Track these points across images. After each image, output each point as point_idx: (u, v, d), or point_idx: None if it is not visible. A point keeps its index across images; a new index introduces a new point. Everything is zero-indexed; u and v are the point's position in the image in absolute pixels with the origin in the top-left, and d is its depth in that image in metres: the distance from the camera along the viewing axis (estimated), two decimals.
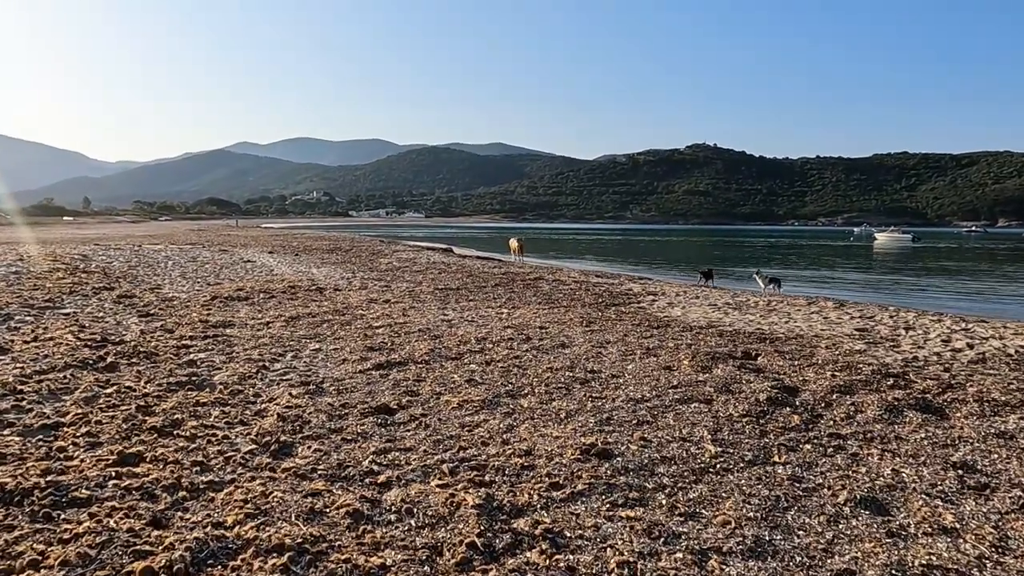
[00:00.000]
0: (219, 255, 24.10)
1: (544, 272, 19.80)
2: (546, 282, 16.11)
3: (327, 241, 36.55)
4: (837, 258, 45.18)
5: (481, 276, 17.19)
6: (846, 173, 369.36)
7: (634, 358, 7.29)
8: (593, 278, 18.34)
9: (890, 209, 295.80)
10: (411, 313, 10.43)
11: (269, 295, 12.19)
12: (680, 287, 16.21)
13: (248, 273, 17.13)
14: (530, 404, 5.47)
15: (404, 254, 26.38)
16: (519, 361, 7.05)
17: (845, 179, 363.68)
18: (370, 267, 19.65)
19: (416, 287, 14.25)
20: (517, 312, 10.83)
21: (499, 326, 9.30)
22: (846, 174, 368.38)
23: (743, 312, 11.41)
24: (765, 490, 3.86)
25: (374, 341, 7.99)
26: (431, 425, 4.93)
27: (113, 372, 6.07)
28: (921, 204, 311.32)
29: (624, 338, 8.53)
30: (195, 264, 19.41)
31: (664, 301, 12.74)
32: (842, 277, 28.41)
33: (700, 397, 5.71)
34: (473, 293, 13.47)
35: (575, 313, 10.78)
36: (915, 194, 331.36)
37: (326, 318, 9.69)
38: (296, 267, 19.43)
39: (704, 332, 9.15)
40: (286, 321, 9.36)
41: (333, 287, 13.91)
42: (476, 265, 21.66)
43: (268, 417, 4.94)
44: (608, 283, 16.42)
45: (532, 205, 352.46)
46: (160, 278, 15.04)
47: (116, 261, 19.03)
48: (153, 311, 9.85)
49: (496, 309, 11.20)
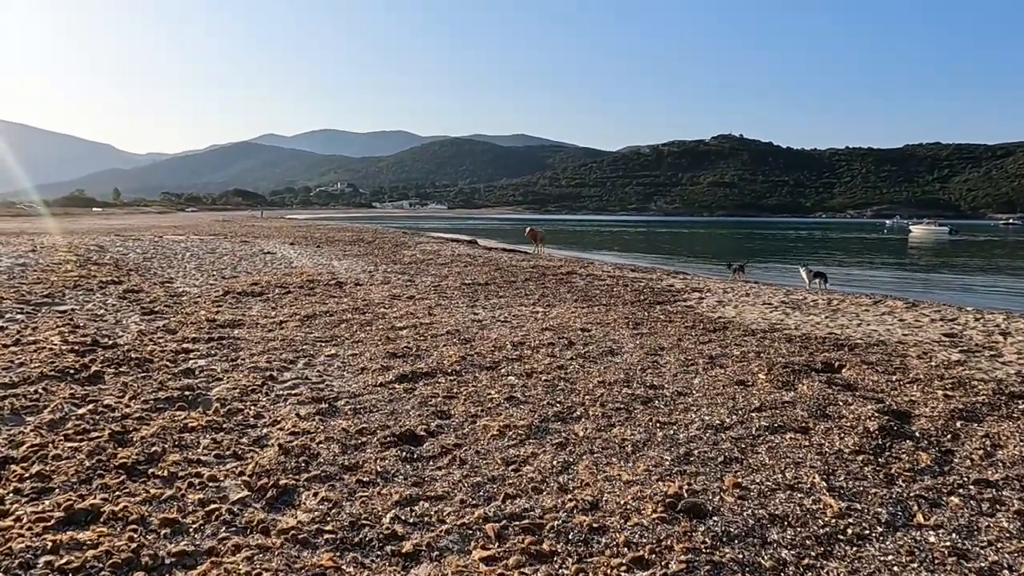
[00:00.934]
0: (239, 246, 23.48)
1: (575, 266, 18.76)
2: (579, 277, 15.08)
3: (350, 232, 35.88)
4: (873, 251, 43.32)
5: (509, 270, 16.21)
6: (876, 164, 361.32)
7: (697, 369, 6.26)
8: (628, 272, 17.25)
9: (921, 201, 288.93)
10: (437, 311, 9.49)
11: (285, 290, 11.35)
12: (725, 283, 15.04)
13: (266, 266, 16.37)
14: (586, 431, 4.49)
15: (428, 246, 25.51)
16: (564, 372, 6.06)
17: (875, 170, 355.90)
18: (393, 260, 18.80)
19: (442, 282, 13.33)
20: (553, 311, 9.83)
21: (536, 328, 8.32)
22: (876, 165, 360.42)
23: (805, 313, 10.27)
24: (926, 574, 2.84)
25: (397, 346, 7.06)
26: (467, 460, 3.97)
27: (95, 384, 5.22)
28: (954, 196, 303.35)
29: (679, 343, 7.50)
30: (213, 256, 18.73)
31: (713, 299, 11.63)
32: (882, 272, 26.90)
33: (793, 424, 4.67)
34: (503, 289, 12.51)
35: (618, 313, 9.75)
36: (948, 186, 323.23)
37: (345, 317, 8.80)
38: (316, 259, 18.65)
39: (769, 337, 8.06)
40: (301, 321, 8.49)
41: (354, 281, 13.05)
42: (503, 258, 20.69)
43: (268, 448, 4.03)
44: (646, 278, 15.33)
45: (555, 197, 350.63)
46: (174, 271, 14.33)
47: (132, 252, 18.43)
48: (158, 308, 9.05)
49: (530, 307, 10.21)
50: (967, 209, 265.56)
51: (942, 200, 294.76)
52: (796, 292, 13.49)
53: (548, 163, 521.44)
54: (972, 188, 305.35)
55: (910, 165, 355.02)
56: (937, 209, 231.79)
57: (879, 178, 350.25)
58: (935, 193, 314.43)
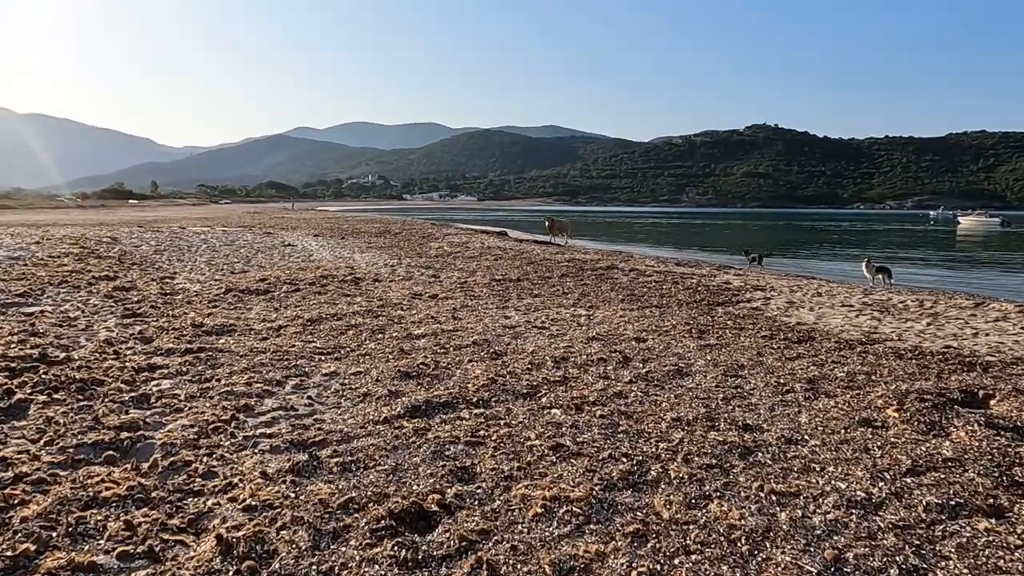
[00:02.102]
0: (261, 238, 22.52)
1: (615, 259, 17.24)
2: (622, 272, 13.58)
3: (377, 224, 34.82)
4: (922, 244, 40.62)
5: (543, 264, 14.80)
6: (917, 154, 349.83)
7: (797, 399, 4.79)
8: (675, 267, 15.68)
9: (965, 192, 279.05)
10: (463, 314, 8.14)
11: (294, 287, 10.13)
12: (789, 280, 13.33)
13: (283, 259, 15.26)
14: (671, 509, 3.07)
15: (456, 238, 24.22)
16: (625, 403, 4.65)
17: (916, 160, 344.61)
18: (418, 252, 17.54)
19: (469, 277, 11.99)
20: (598, 314, 8.40)
21: (580, 336, 6.90)
22: (917, 155, 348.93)
23: (899, 318, 8.63)
24: None
25: (412, 361, 5.72)
26: (499, 567, 2.60)
27: (8, 421, 3.98)
28: (1000, 186, 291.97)
29: (761, 359, 6.01)
30: (230, 248, 17.72)
31: (781, 300, 10.04)
32: (939, 267, 24.67)
33: (975, 500, 3.18)
34: (537, 286, 11.10)
35: (675, 316, 8.27)
36: (993, 175, 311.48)
37: (354, 322, 7.50)
38: (338, 252, 17.49)
39: (872, 351, 6.50)
40: (303, 326, 7.22)
41: (373, 277, 11.79)
42: (535, 251, 19.27)
43: (203, 541, 2.71)
44: (696, 274, 13.75)
45: (585, 188, 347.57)
46: (182, 265, 13.28)
47: (145, 245, 17.51)
48: (143, 310, 7.88)
49: (570, 309, 8.79)
50: (1013, 200, 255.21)
51: (987, 191, 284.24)
52: (874, 291, 11.76)
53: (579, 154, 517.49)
54: (1020, 178, 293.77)
55: (953, 154, 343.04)
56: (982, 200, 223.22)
57: (920, 168, 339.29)
58: (980, 183, 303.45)
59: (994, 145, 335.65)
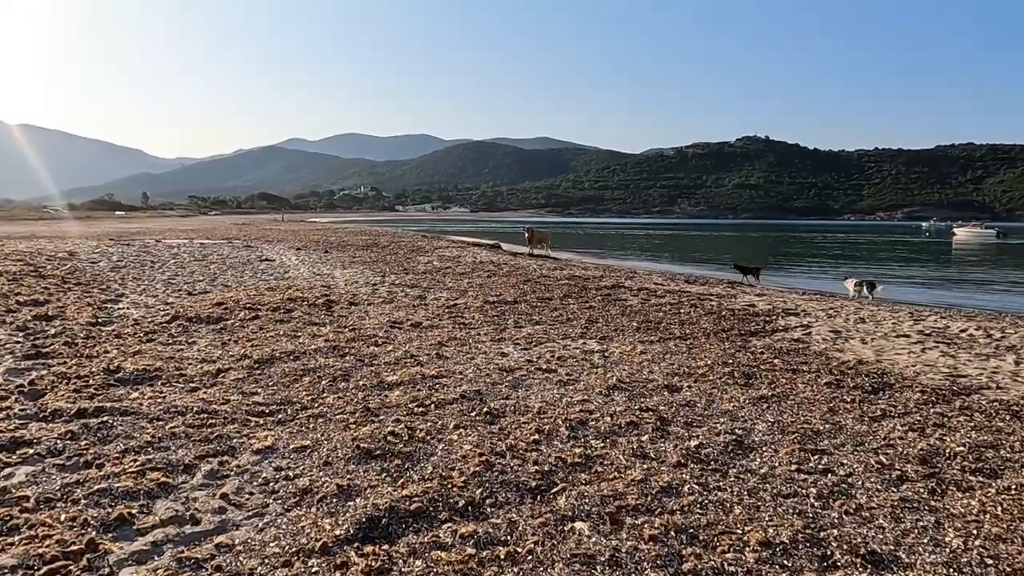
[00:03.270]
0: (239, 251, 21.03)
1: (618, 275, 15.83)
2: (630, 292, 12.16)
3: (366, 236, 33.35)
4: (919, 256, 39.52)
5: (541, 283, 13.37)
6: (907, 165, 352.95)
7: (920, 494, 3.36)
8: (686, 285, 14.28)
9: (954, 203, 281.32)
10: (450, 350, 6.68)
11: (254, 313, 8.64)
12: (820, 301, 11.85)
13: (254, 276, 13.78)
14: None
15: (447, 251, 22.79)
16: (680, 507, 3.19)
17: (906, 172, 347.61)
18: (405, 268, 16.09)
19: (460, 298, 10.54)
20: (614, 348, 6.95)
21: (597, 384, 5.46)
22: (907, 166, 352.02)
23: (972, 352, 7.21)
24: None
25: (378, 429, 4.24)
26: None
27: None
28: (988, 197, 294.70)
29: (835, 419, 4.58)
30: (200, 264, 16.22)
31: (823, 328, 8.60)
32: (943, 283, 23.39)
33: None
34: (537, 309, 9.66)
35: (706, 352, 6.84)
36: (981, 187, 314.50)
37: (315, 362, 6.02)
38: (317, 268, 16.02)
39: (974, 406, 5.07)
40: (249, 369, 5.74)
41: (349, 299, 10.32)
42: (531, 266, 17.85)
43: None
44: (713, 294, 12.32)
45: (578, 199, 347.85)
46: (136, 284, 11.79)
47: (105, 260, 15.98)
48: (56, 347, 6.37)
49: (578, 341, 7.35)
50: (1002, 211, 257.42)
51: (976, 202, 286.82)
52: (925, 314, 10.35)
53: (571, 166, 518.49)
54: (1007, 189, 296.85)
55: (942, 166, 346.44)
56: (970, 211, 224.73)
57: (910, 179, 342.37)
58: (968, 194, 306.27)
59: (982, 157, 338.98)
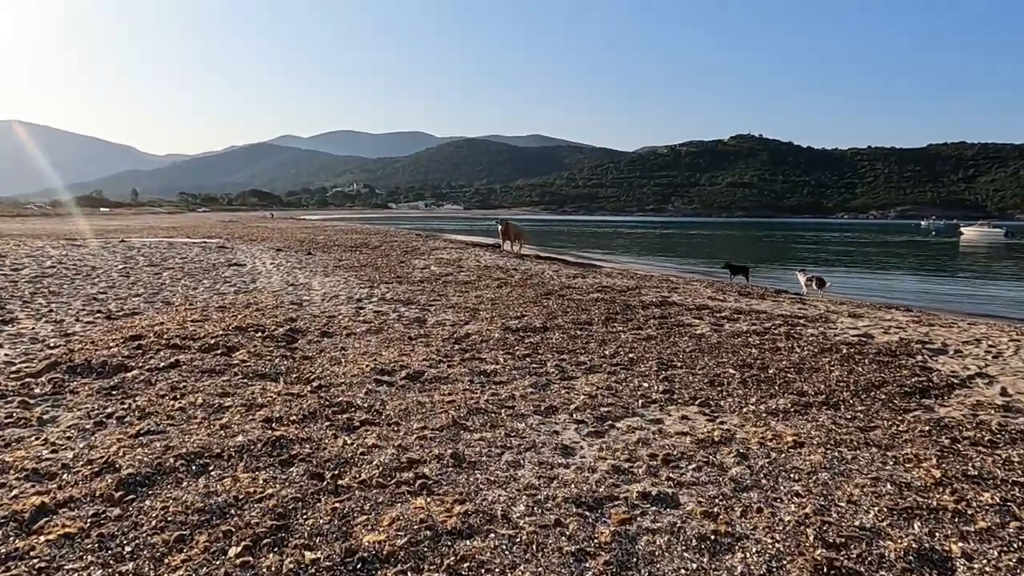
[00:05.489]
0: (207, 254, 18.32)
1: (655, 285, 13.19)
2: (686, 311, 9.48)
3: (356, 235, 30.62)
4: (931, 257, 37.13)
5: (568, 296, 10.72)
6: (899, 164, 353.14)
7: None
8: (745, 299, 11.64)
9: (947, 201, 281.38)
10: (473, 435, 4.04)
11: (175, 356, 5.93)
12: (958, 330, 8.97)
13: (209, 288, 11.09)
14: None
15: (445, 253, 20.11)
16: None
17: (898, 170, 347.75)
18: (398, 275, 13.42)
19: (470, 321, 7.89)
20: (735, 427, 4.32)
21: (775, 543, 2.83)
22: (899, 165, 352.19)
23: None
24: None
25: None
26: None
27: None
28: (981, 196, 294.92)
29: None
30: (151, 271, 13.51)
31: (1019, 382, 5.96)
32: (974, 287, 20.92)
33: None
34: (580, 342, 7.01)
35: (899, 441, 4.21)
36: (973, 186, 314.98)
37: (232, 485, 3.35)
38: (292, 275, 13.33)
39: None
40: (104, 500, 3.07)
41: (323, 325, 7.63)
42: (545, 272, 15.19)
43: None
44: (799, 317, 9.64)
45: (571, 197, 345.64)
46: (44, 302, 9.08)
47: (31, 267, 13.27)
48: None
49: (670, 408, 4.72)
50: (994, 210, 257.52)
51: (968, 200, 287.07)
52: None
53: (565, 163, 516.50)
54: (999, 188, 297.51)
55: (935, 165, 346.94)
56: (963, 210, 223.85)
57: (903, 178, 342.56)
58: (961, 193, 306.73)
59: (974, 156, 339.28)
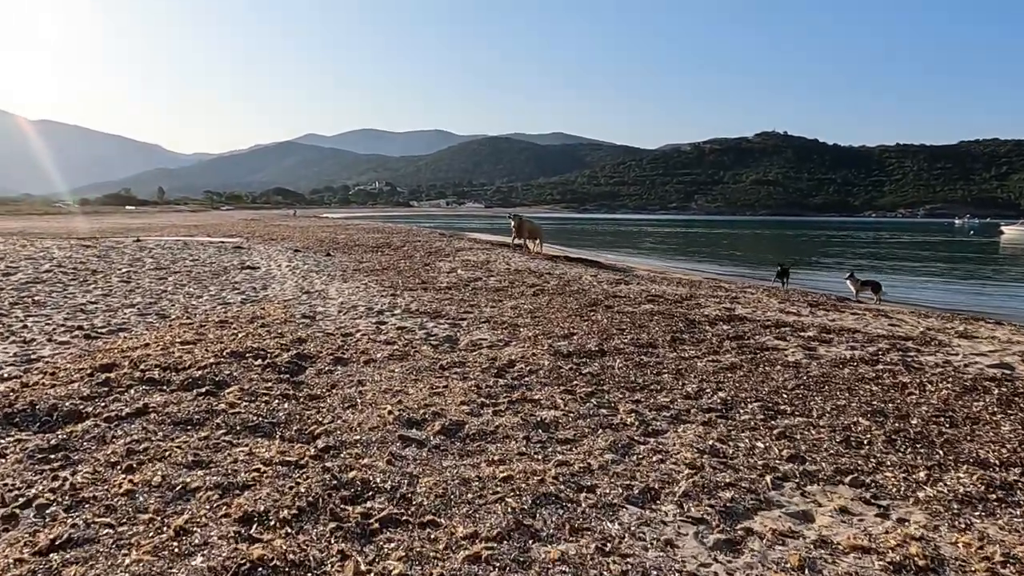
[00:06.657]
0: (222, 255, 17.28)
1: (710, 294, 11.73)
2: (764, 330, 8.04)
3: (378, 235, 29.48)
4: (978, 258, 34.96)
5: (616, 307, 9.32)
6: (929, 161, 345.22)
7: None
8: (815, 312, 10.15)
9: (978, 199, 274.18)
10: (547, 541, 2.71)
11: (146, 397, 4.68)
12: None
13: (215, 296, 9.91)
14: None
15: (471, 255, 18.80)
16: None
17: (928, 168, 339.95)
18: (423, 280, 12.15)
19: (511, 342, 6.56)
20: (954, 539, 2.93)
21: None
22: (929, 162, 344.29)
23: None
24: None
25: None
26: None
27: None
28: (1014, 194, 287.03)
29: None
30: (155, 276, 12.42)
31: None
32: None
33: None
34: (650, 375, 5.64)
35: None
36: (1006, 183, 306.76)
37: None
38: (308, 280, 12.14)
39: None
40: None
41: (336, 347, 6.35)
42: (583, 277, 13.79)
43: None
44: (921, 341, 8.17)
45: (593, 195, 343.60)
46: (21, 314, 7.95)
47: (25, 271, 12.24)
48: None
49: (823, 497, 3.34)
50: None
51: (1000, 199, 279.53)
52: None
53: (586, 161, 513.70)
54: None
55: (966, 162, 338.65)
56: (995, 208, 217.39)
57: (932, 176, 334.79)
58: (993, 191, 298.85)
59: (1007, 153, 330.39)
